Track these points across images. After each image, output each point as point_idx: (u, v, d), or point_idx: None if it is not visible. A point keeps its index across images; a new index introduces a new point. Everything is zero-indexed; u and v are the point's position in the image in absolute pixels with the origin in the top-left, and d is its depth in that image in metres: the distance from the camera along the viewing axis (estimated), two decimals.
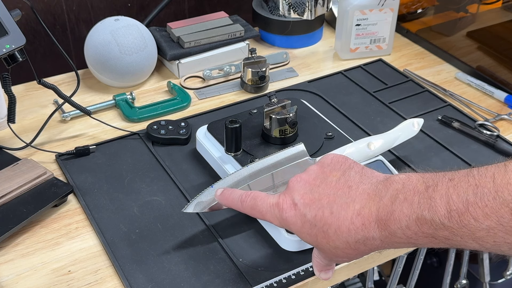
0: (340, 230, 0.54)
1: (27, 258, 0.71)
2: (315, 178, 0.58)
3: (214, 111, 0.96)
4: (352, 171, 0.57)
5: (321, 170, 0.59)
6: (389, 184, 0.53)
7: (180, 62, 1.04)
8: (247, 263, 0.69)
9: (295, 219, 0.57)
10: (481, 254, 1.13)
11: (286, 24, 1.13)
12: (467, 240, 0.48)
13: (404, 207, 0.51)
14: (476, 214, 0.46)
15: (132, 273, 0.68)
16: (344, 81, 1.05)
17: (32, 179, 0.77)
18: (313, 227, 0.56)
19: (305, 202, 0.57)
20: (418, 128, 0.82)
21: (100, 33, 0.98)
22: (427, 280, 1.22)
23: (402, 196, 0.51)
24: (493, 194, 0.46)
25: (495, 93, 1.00)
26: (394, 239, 0.52)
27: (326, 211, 0.55)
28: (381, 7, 1.06)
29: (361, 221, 0.53)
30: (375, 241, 0.53)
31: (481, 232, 0.46)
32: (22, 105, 0.98)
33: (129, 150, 0.87)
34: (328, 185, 0.57)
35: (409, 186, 0.51)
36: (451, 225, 0.47)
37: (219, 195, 0.66)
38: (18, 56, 0.77)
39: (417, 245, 0.52)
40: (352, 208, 0.54)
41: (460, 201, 0.47)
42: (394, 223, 0.51)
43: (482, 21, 1.13)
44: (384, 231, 0.52)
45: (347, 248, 0.55)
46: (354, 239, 0.54)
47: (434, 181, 0.50)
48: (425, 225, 0.49)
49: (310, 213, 0.56)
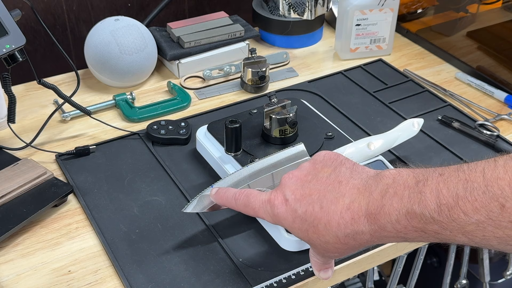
0: (330, 224, 0.54)
1: (27, 258, 0.71)
2: (306, 174, 0.59)
3: (214, 111, 0.96)
4: (343, 167, 0.57)
5: (313, 167, 0.59)
6: (380, 179, 0.53)
7: (180, 62, 1.04)
8: (247, 263, 0.69)
9: (286, 214, 0.58)
10: (481, 254, 1.13)
11: (286, 24, 1.13)
12: (457, 234, 0.48)
13: (394, 201, 0.51)
14: (466, 208, 0.46)
15: (132, 273, 0.68)
16: (344, 81, 1.05)
17: (32, 179, 0.77)
18: (304, 222, 0.56)
19: (296, 198, 0.57)
20: (418, 128, 0.82)
21: (100, 33, 0.98)
22: (427, 280, 1.22)
23: (392, 191, 0.51)
24: (482, 188, 0.46)
25: (495, 93, 1.00)
26: (383, 233, 0.52)
27: (316, 206, 0.55)
28: (381, 7, 1.06)
29: (350, 215, 0.53)
30: (364, 235, 0.53)
31: (470, 226, 0.47)
32: (22, 105, 0.98)
33: (129, 150, 0.87)
34: (319, 180, 0.57)
35: (400, 180, 0.52)
36: (441, 219, 0.48)
37: (214, 194, 0.67)
38: (18, 56, 0.77)
39: (406, 239, 0.52)
40: (342, 202, 0.54)
41: (450, 196, 0.47)
42: (384, 217, 0.51)
43: (482, 21, 1.13)
44: (373, 225, 0.52)
45: (337, 243, 0.55)
46: (344, 233, 0.54)
47: (425, 176, 0.50)
48: (415, 219, 0.49)
49: (300, 208, 0.56)
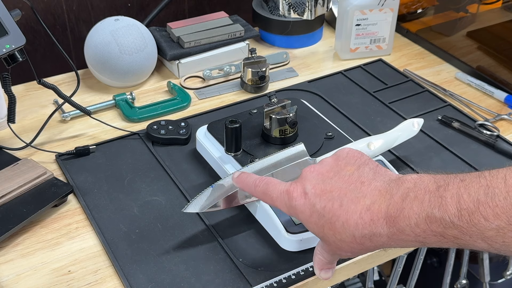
0: (348, 223, 0.54)
1: (27, 258, 0.71)
2: (328, 170, 0.59)
3: (214, 111, 0.96)
4: (367, 167, 0.58)
5: (335, 163, 0.59)
6: (401, 183, 0.54)
7: (180, 62, 1.04)
8: (247, 263, 0.69)
9: (304, 207, 0.58)
10: (481, 254, 1.13)
11: (286, 24, 1.13)
12: (476, 240, 0.48)
13: (414, 205, 0.51)
14: (486, 214, 0.47)
15: (132, 273, 0.68)
16: (344, 81, 1.05)
17: (32, 179, 0.77)
18: (321, 217, 0.56)
19: (316, 192, 0.57)
20: (418, 128, 0.82)
21: (100, 33, 0.98)
22: (427, 280, 1.22)
23: (413, 194, 0.52)
24: (504, 194, 0.46)
25: (495, 93, 1.00)
26: (401, 237, 0.52)
27: (336, 203, 0.56)
28: (381, 7, 1.06)
29: (369, 217, 0.54)
30: (381, 237, 0.53)
31: (490, 232, 0.47)
32: (22, 105, 0.98)
33: (129, 150, 0.87)
34: (341, 178, 0.57)
35: (421, 185, 0.52)
36: (461, 224, 0.48)
37: (236, 178, 0.67)
38: (18, 56, 0.77)
39: (425, 243, 0.52)
40: (363, 203, 0.54)
41: (471, 201, 0.48)
42: (403, 220, 0.51)
43: (482, 21, 1.13)
44: (392, 227, 0.52)
45: (352, 242, 0.55)
46: (361, 234, 0.54)
47: (446, 181, 0.51)
48: (434, 223, 0.50)
49: (320, 203, 0.57)
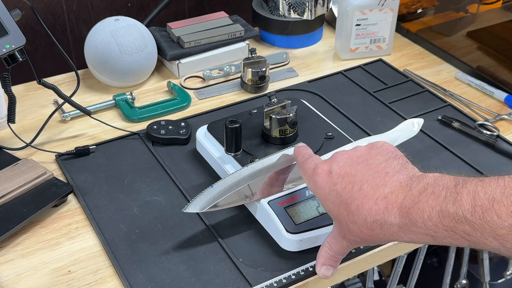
0: (363, 206, 0.56)
1: (27, 258, 0.71)
2: (359, 156, 0.61)
3: (214, 111, 0.96)
4: (395, 161, 0.59)
5: (367, 151, 0.61)
6: (422, 179, 0.55)
7: (180, 62, 1.04)
8: (247, 263, 0.69)
9: (324, 184, 0.60)
10: (481, 254, 1.13)
11: (286, 24, 1.13)
12: (487, 237, 0.48)
13: (430, 199, 0.52)
14: (500, 212, 0.47)
15: (132, 273, 0.68)
16: (344, 81, 1.05)
17: (32, 179, 0.77)
18: (339, 197, 0.58)
19: (340, 173, 0.59)
20: (418, 128, 0.82)
21: (100, 33, 0.98)
22: (427, 280, 1.22)
23: (430, 189, 0.53)
24: None
25: (495, 93, 1.00)
26: (412, 228, 0.53)
27: (355, 187, 0.57)
28: (381, 7, 1.06)
29: (385, 204, 0.55)
30: (392, 227, 0.55)
31: (503, 230, 0.47)
32: (22, 105, 0.98)
33: (129, 150, 0.87)
34: (368, 166, 0.59)
35: (440, 182, 0.53)
36: (473, 219, 0.49)
37: (297, 147, 0.69)
38: (18, 56, 0.77)
39: (435, 238, 0.53)
40: (382, 191, 0.56)
41: (486, 198, 0.48)
42: (416, 212, 0.53)
43: (482, 21, 1.13)
44: (404, 218, 0.53)
45: (363, 226, 0.57)
46: (373, 219, 0.55)
47: (465, 180, 0.52)
48: (447, 217, 0.50)
49: (341, 184, 0.58)
